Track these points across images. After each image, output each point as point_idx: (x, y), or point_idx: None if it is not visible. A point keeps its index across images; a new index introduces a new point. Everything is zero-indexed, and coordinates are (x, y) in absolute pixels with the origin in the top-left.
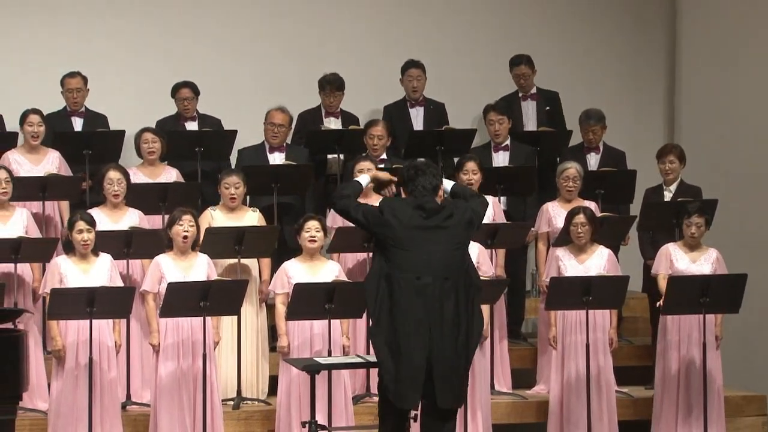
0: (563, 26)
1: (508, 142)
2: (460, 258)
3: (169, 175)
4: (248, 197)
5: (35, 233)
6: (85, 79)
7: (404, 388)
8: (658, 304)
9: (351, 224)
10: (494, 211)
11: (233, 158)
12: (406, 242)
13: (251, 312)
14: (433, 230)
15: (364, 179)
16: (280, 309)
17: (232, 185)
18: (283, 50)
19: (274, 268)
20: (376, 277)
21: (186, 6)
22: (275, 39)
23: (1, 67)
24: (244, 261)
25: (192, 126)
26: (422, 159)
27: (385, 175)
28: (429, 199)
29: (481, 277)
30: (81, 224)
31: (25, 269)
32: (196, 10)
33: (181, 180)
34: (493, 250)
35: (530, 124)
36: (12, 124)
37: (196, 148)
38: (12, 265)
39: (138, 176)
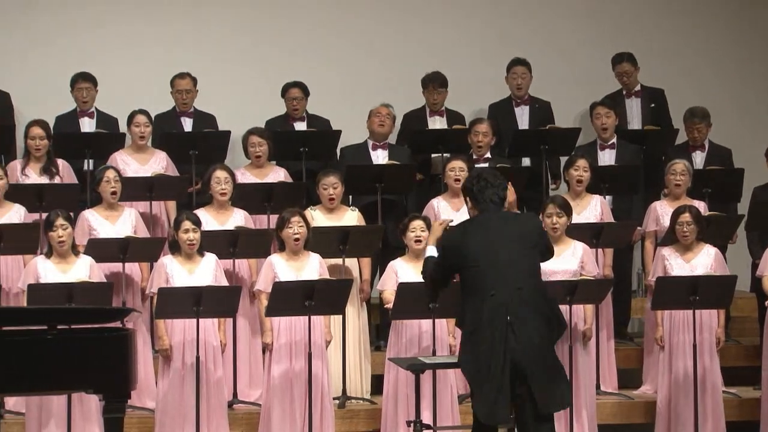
0: (668, 23)
1: (614, 140)
2: (531, 265)
3: (277, 174)
4: (350, 196)
5: (143, 233)
6: (194, 80)
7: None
8: (766, 303)
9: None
10: (601, 210)
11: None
12: (477, 260)
13: (352, 312)
14: (501, 242)
15: (433, 250)
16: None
17: (330, 185)
18: (390, 50)
19: (375, 267)
20: (461, 310)
21: (296, 7)
22: (382, 38)
23: (113, 69)
24: (341, 261)
25: (301, 126)
26: (488, 168)
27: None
28: (492, 213)
29: (586, 277)
30: (187, 224)
31: (133, 269)
32: (306, 11)
33: (289, 180)
34: (601, 250)
35: (635, 122)
36: (123, 126)
37: (302, 148)
38: (120, 264)
39: (246, 176)
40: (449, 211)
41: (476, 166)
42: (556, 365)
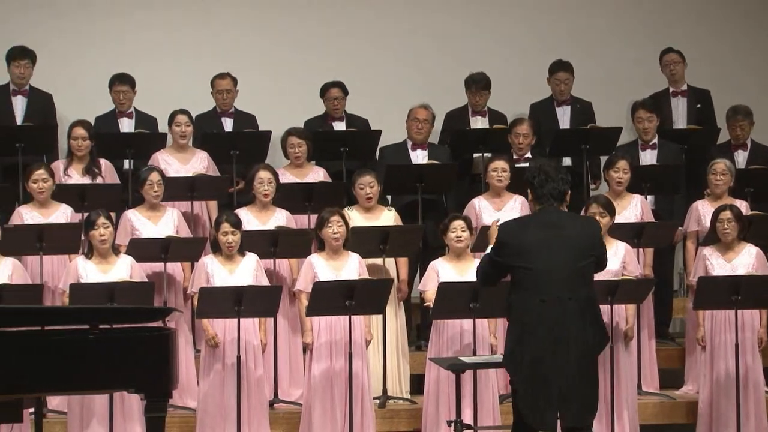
0: (711, 23)
1: (655, 140)
2: (585, 273)
3: (317, 174)
4: (389, 196)
5: (185, 233)
6: (234, 80)
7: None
8: None
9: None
10: (642, 209)
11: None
12: (530, 261)
13: (390, 311)
14: (557, 245)
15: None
16: None
17: (367, 185)
18: (430, 49)
19: (415, 267)
20: (507, 302)
21: (335, 8)
22: (424, 37)
23: (153, 70)
24: (380, 260)
25: (340, 126)
26: (549, 161)
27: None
28: (552, 210)
29: (628, 277)
30: (226, 226)
31: (175, 268)
32: (345, 12)
33: (328, 180)
34: (642, 250)
35: (680, 121)
36: (162, 126)
37: (341, 147)
38: (162, 264)
39: (286, 176)
40: (491, 210)
41: (516, 166)
42: (592, 380)
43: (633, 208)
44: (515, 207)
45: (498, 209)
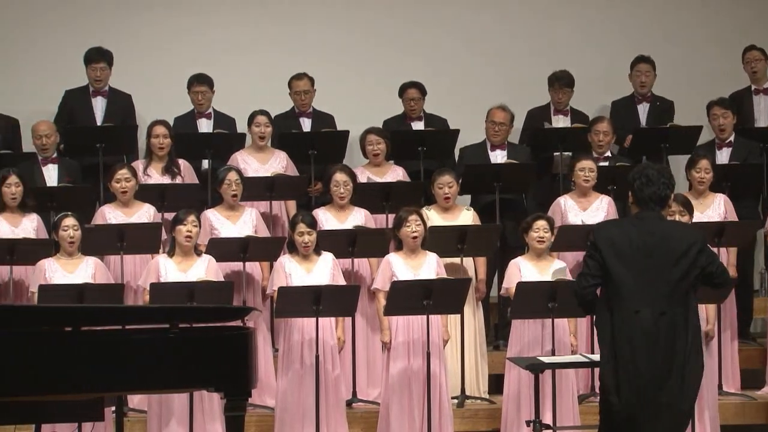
0: None
1: (732, 138)
2: (683, 286)
3: (395, 174)
4: (469, 196)
5: (264, 232)
6: (311, 81)
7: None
8: None
9: (574, 223)
10: (725, 208)
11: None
12: (624, 267)
13: (468, 311)
14: (654, 253)
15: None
16: None
17: (446, 185)
18: (513, 47)
19: (493, 267)
20: (600, 310)
21: (413, 7)
22: (506, 35)
23: (232, 70)
24: (458, 260)
25: (418, 126)
26: (653, 164)
27: None
28: (652, 215)
29: None
30: (301, 226)
31: (254, 268)
32: (423, 10)
33: (407, 179)
34: (725, 249)
35: (762, 119)
36: (241, 126)
37: (419, 147)
38: (240, 263)
39: (365, 175)
40: (576, 210)
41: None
42: (683, 405)
43: (716, 207)
44: (601, 207)
45: (584, 209)
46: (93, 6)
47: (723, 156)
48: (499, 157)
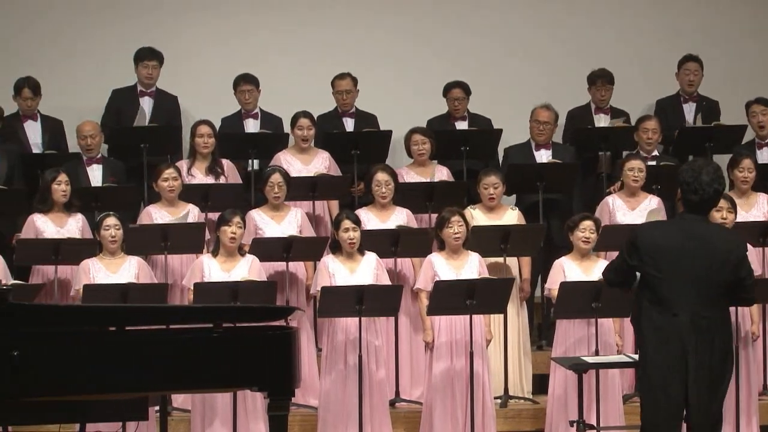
0: None
1: None
2: (723, 291)
3: (440, 173)
4: (514, 195)
5: (309, 232)
6: (354, 80)
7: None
8: None
9: (623, 223)
10: None
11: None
12: (661, 268)
13: (512, 311)
14: (696, 255)
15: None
16: None
17: (491, 185)
18: (555, 46)
19: (539, 267)
20: (638, 310)
21: (455, 8)
22: (547, 35)
23: (277, 71)
24: (501, 259)
25: (462, 125)
26: (705, 162)
27: None
28: (698, 217)
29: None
30: (347, 223)
31: (299, 267)
32: (465, 12)
33: (451, 179)
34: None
35: None
36: (288, 125)
37: (462, 147)
38: (284, 263)
39: (410, 175)
40: (625, 209)
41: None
42: (717, 414)
43: (760, 207)
44: (650, 207)
45: (632, 209)
46: (139, 8)
47: (764, 155)
48: (543, 156)
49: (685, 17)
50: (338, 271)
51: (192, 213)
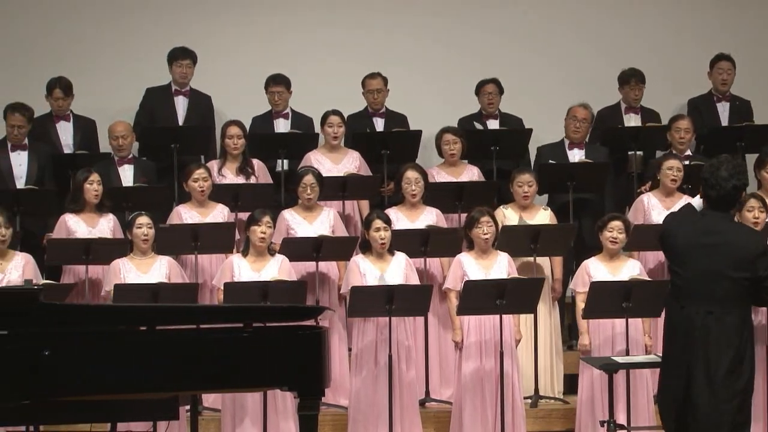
0: None
1: None
2: (738, 289)
3: (471, 173)
4: (546, 194)
5: (341, 232)
6: (385, 80)
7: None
8: None
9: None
10: None
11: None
12: (682, 262)
13: (544, 311)
14: (712, 251)
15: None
16: (581, 307)
17: (525, 183)
18: (585, 47)
19: (570, 266)
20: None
21: (488, 5)
22: (577, 35)
23: (308, 70)
24: (532, 259)
25: (493, 124)
26: (727, 158)
27: None
28: (718, 214)
29: None
30: (378, 222)
31: (330, 267)
32: (495, 12)
33: (482, 179)
34: None
35: None
36: (318, 125)
37: (493, 146)
38: (314, 263)
39: (441, 175)
40: (660, 208)
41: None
42: (731, 416)
43: None
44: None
45: (667, 208)
46: (171, 8)
47: None
48: (576, 156)
49: (715, 16)
50: (369, 271)
51: (222, 213)
